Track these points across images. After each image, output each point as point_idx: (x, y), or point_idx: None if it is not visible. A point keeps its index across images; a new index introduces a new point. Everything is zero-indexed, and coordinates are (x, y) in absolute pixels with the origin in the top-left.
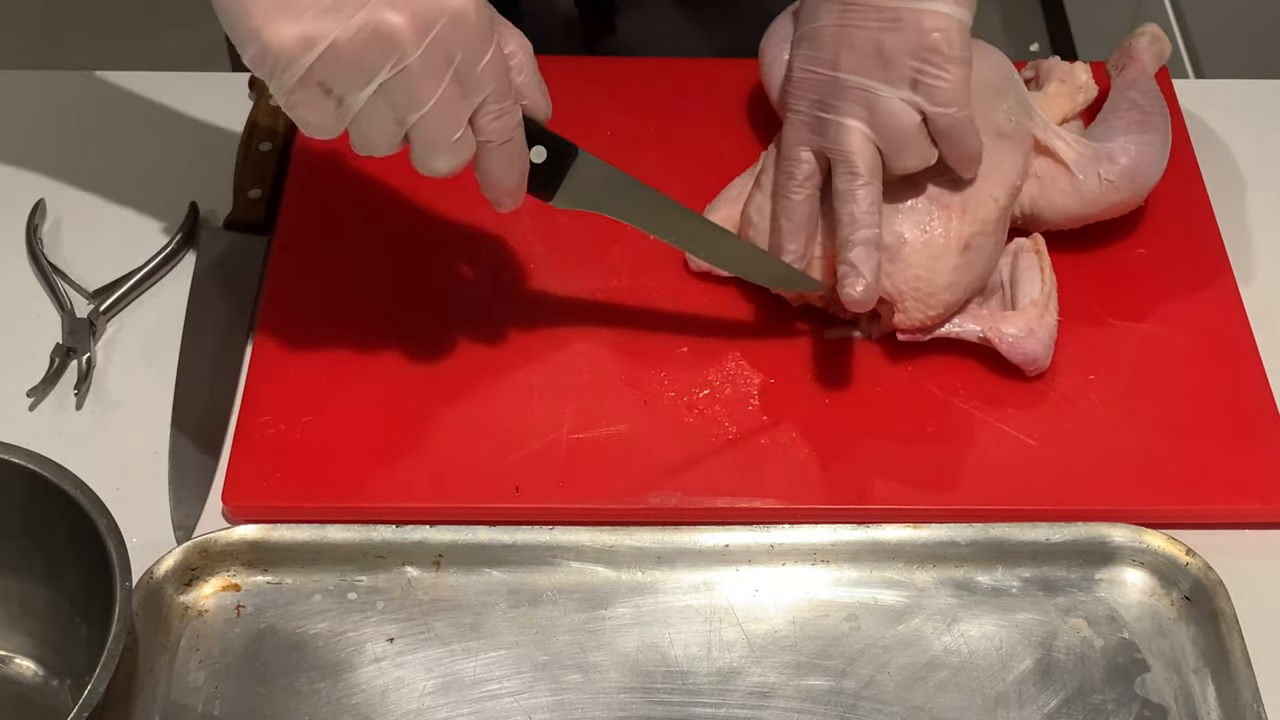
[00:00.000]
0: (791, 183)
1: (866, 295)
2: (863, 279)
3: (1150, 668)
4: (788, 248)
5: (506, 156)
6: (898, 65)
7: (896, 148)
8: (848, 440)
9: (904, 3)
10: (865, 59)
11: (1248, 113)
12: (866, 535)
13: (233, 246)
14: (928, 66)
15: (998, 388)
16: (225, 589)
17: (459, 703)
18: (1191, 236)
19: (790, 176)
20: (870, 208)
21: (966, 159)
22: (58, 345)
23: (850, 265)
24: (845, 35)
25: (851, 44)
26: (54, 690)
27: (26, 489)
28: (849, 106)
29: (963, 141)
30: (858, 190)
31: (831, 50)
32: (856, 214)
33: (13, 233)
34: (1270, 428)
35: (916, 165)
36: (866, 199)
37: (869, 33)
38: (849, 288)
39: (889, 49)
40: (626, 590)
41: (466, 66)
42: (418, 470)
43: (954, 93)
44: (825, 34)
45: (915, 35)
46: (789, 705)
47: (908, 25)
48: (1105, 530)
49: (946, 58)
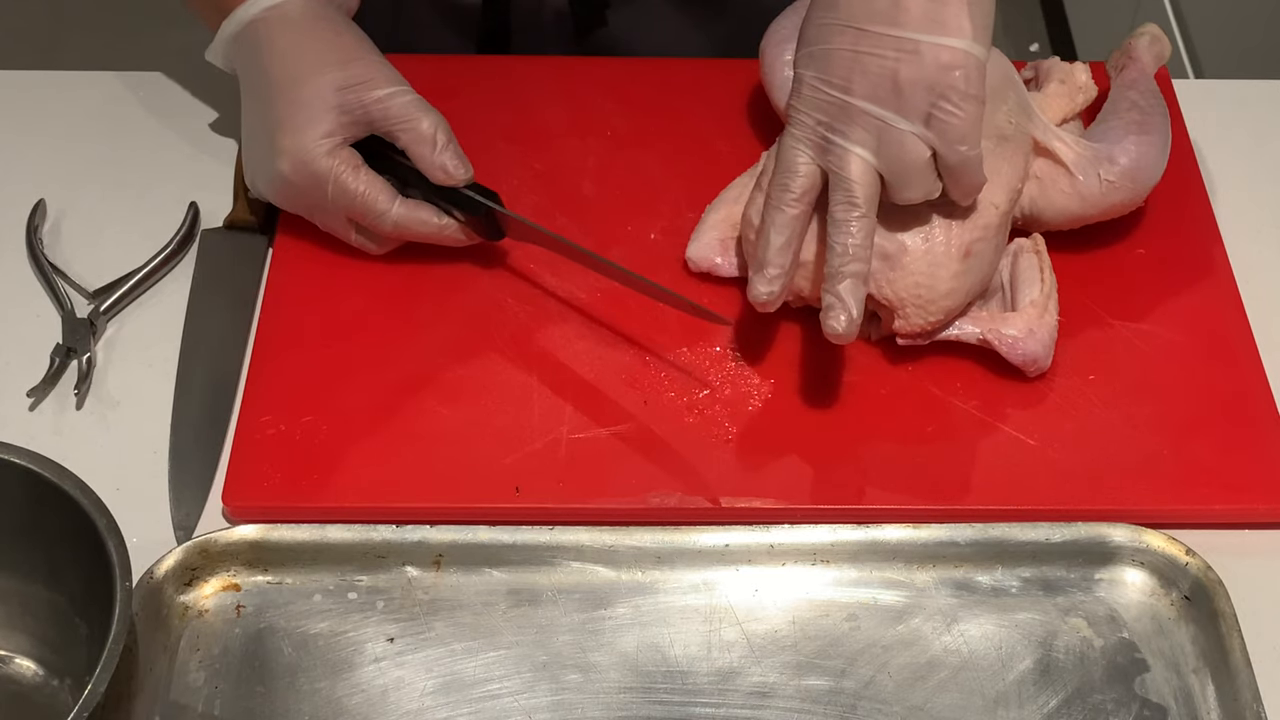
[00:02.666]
0: (787, 195)
1: (849, 331)
2: (846, 313)
3: (1150, 668)
4: (770, 264)
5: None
6: (913, 98)
7: (903, 180)
8: (848, 440)
9: (922, 35)
10: (879, 87)
11: (1248, 113)
12: (866, 535)
13: (233, 246)
14: (944, 102)
15: (998, 388)
16: (225, 589)
17: (459, 703)
18: (1191, 236)
19: (786, 189)
20: (864, 240)
21: (968, 193)
22: (58, 345)
23: (837, 298)
24: (860, 61)
25: (866, 71)
26: (54, 690)
27: (26, 489)
28: (857, 133)
29: (969, 178)
30: (854, 222)
31: (844, 74)
32: (850, 246)
33: (13, 233)
34: (1270, 428)
35: (919, 198)
36: (861, 231)
37: (885, 62)
38: (833, 321)
39: (905, 80)
40: (626, 590)
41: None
42: (418, 470)
43: (968, 131)
44: (838, 57)
45: (933, 70)
46: (789, 705)
47: (926, 58)
48: (1105, 530)
49: (964, 95)
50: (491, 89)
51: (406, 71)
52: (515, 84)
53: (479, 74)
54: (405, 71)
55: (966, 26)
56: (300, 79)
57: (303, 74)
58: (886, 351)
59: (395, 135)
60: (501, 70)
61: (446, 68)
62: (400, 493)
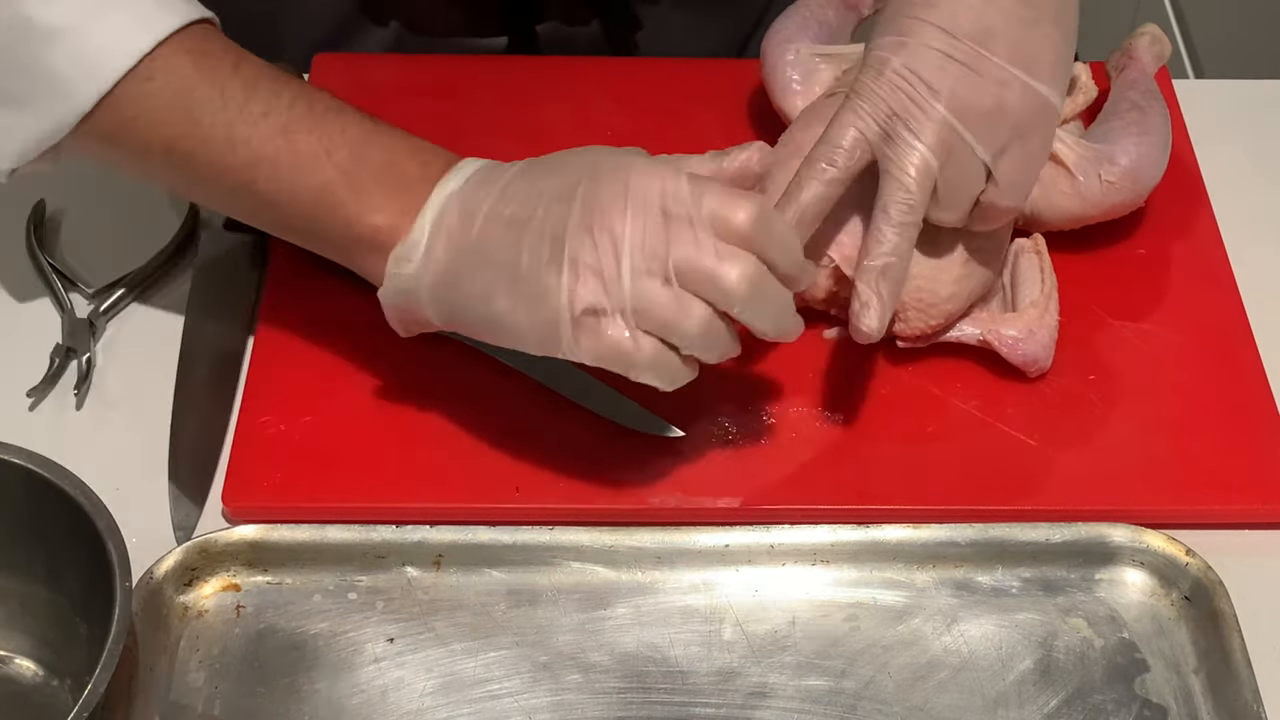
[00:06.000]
0: (837, 151)
1: (880, 331)
2: (880, 311)
3: (1150, 668)
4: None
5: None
6: (996, 130)
7: (950, 201)
8: (848, 440)
9: (1018, 71)
10: (969, 107)
11: (1248, 113)
12: (866, 535)
13: (233, 246)
14: (1020, 145)
15: (998, 388)
16: (225, 589)
17: (459, 703)
18: (1191, 236)
19: (837, 147)
20: (911, 241)
21: (988, 226)
22: (58, 345)
23: (875, 295)
24: (951, 71)
25: (959, 84)
26: (54, 690)
27: (26, 489)
28: (930, 137)
29: (999, 219)
30: (906, 219)
31: (935, 78)
32: (898, 244)
33: (13, 233)
34: (1270, 428)
35: (951, 222)
36: (910, 230)
37: (983, 83)
38: (867, 318)
39: (995, 110)
40: (626, 590)
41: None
42: (418, 470)
43: (1027, 182)
44: (930, 57)
45: (1021, 111)
46: (789, 705)
47: (1018, 96)
48: (1105, 530)
49: (1041, 146)
50: (491, 89)
51: (407, 72)
52: (515, 84)
53: (479, 74)
54: (406, 72)
55: (1058, 79)
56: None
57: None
58: (887, 352)
59: None
60: (501, 70)
61: (447, 67)
62: (400, 493)
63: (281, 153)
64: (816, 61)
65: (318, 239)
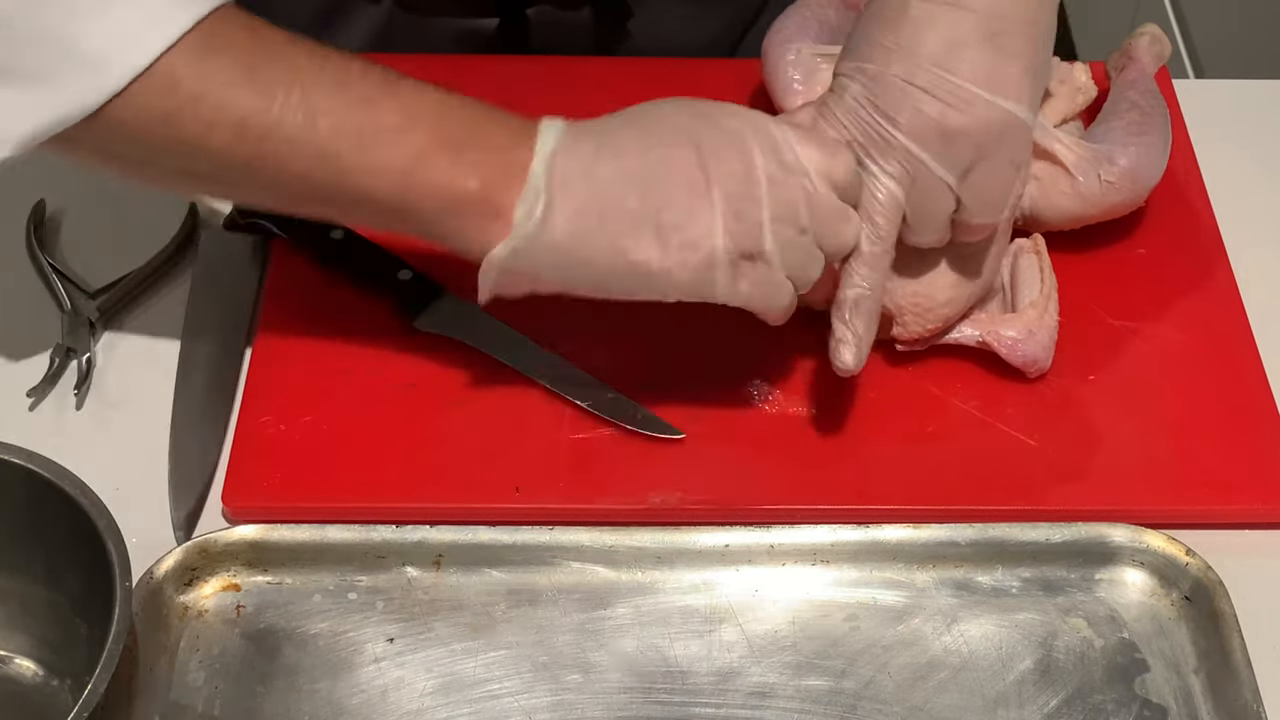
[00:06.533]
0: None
1: (859, 365)
2: (857, 346)
3: (1150, 668)
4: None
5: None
6: (958, 150)
7: (921, 224)
8: (848, 440)
9: (980, 90)
10: (927, 130)
11: (1248, 113)
12: (866, 535)
13: (233, 246)
14: (986, 163)
15: (998, 388)
16: (225, 589)
17: (459, 703)
18: (1191, 236)
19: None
20: (882, 273)
21: (973, 239)
22: (58, 345)
23: (850, 330)
24: (911, 96)
25: (917, 108)
26: (54, 690)
27: (26, 489)
28: (894, 165)
29: (977, 235)
30: (876, 251)
31: (894, 104)
32: (868, 277)
33: (13, 233)
34: (1270, 428)
35: (928, 243)
36: (881, 264)
37: (937, 106)
38: (844, 353)
39: (954, 130)
40: (626, 590)
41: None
42: (418, 470)
43: (1000, 199)
44: (890, 83)
45: (982, 129)
46: (789, 705)
47: (979, 115)
48: (1105, 530)
49: (1008, 162)
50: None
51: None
52: (515, 84)
53: (479, 74)
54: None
55: (1025, 92)
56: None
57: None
58: (887, 352)
59: None
60: (501, 70)
61: (446, 67)
62: (400, 493)
63: (366, 123)
64: (817, 61)
65: (402, 212)
